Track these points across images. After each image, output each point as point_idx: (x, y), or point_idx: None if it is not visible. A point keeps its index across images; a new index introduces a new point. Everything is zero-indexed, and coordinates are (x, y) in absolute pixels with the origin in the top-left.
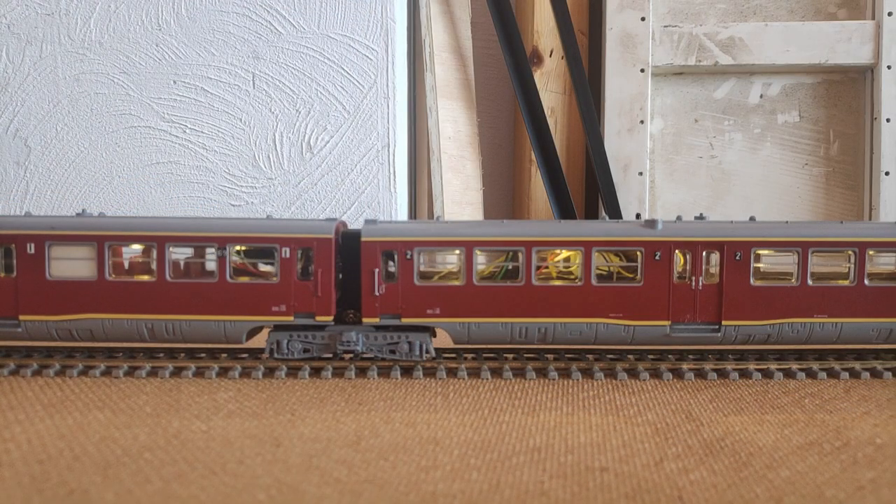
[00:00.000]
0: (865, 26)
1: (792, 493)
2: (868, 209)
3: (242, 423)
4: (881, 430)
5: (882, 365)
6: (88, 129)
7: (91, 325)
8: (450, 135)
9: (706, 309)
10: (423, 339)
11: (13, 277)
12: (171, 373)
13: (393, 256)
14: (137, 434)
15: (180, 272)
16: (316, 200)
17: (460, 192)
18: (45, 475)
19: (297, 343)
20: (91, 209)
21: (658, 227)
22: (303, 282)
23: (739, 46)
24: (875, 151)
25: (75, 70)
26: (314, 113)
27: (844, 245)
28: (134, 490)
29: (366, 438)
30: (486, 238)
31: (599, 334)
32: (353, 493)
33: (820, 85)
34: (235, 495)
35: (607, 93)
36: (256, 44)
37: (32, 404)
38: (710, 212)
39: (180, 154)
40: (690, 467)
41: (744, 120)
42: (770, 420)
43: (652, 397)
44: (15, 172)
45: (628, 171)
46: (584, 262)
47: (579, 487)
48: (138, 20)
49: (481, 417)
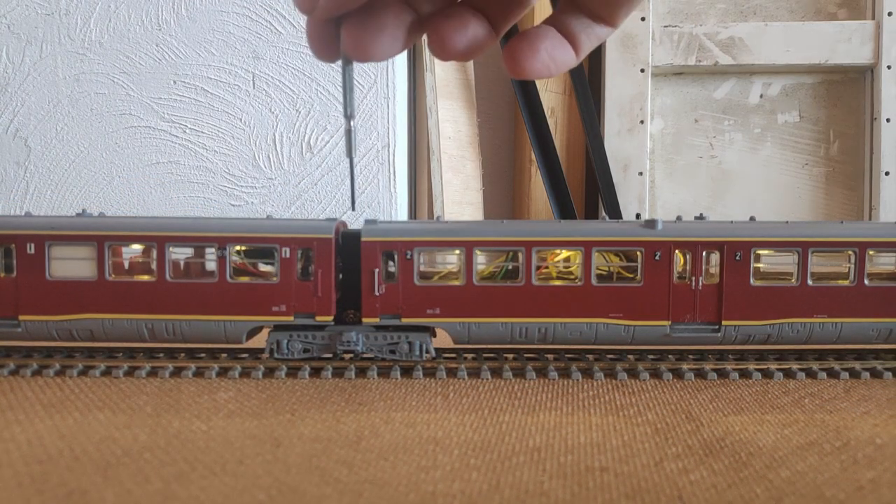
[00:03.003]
0: (865, 26)
1: (792, 493)
2: (868, 209)
3: (242, 423)
4: (881, 430)
5: (882, 365)
6: (88, 129)
7: (91, 325)
8: (450, 135)
9: (706, 309)
10: (423, 339)
11: (13, 277)
12: (171, 373)
13: (393, 256)
14: (137, 434)
15: (180, 272)
16: (316, 200)
17: (460, 192)
18: (45, 475)
19: (297, 343)
20: (91, 209)
21: (658, 227)
22: (303, 282)
23: (739, 46)
24: (875, 151)
25: (75, 70)
26: (314, 113)
27: (844, 245)
28: (134, 490)
29: (366, 438)
30: (486, 238)
31: (599, 334)
32: (353, 493)
33: (820, 85)
34: (235, 495)
35: (607, 93)
36: (256, 44)
37: (32, 404)
38: (710, 212)
39: (180, 154)
40: (690, 467)
41: (744, 120)
42: (770, 420)
43: (652, 397)
44: (15, 172)
45: (628, 171)
46: (584, 263)
47: (579, 487)
48: (138, 20)
49: (481, 417)
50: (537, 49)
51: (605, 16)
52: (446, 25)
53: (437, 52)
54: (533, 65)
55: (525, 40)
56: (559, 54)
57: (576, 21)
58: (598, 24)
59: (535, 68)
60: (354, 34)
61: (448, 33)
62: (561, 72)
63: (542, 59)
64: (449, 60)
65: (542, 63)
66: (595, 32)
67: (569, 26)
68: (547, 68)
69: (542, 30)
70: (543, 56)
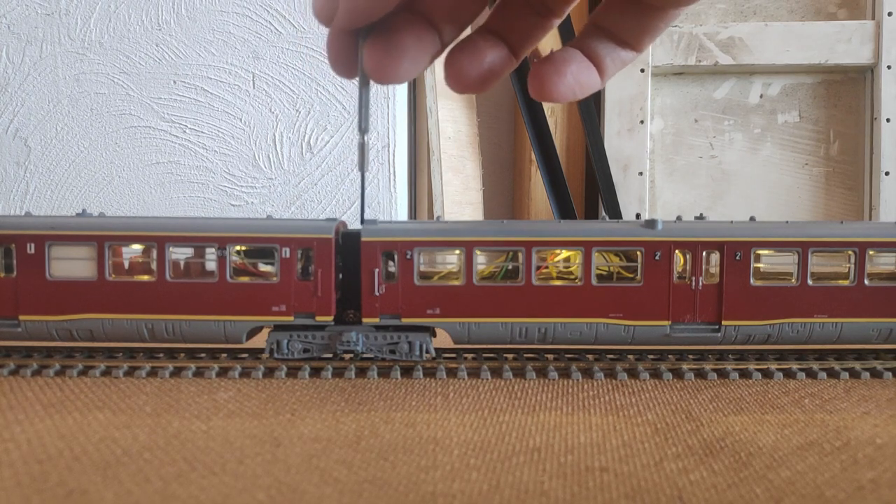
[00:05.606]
0: (865, 26)
1: (792, 493)
2: (868, 209)
3: (242, 423)
4: (881, 430)
5: (882, 365)
6: (88, 129)
7: (91, 325)
8: (450, 135)
9: (706, 309)
10: (423, 339)
11: (13, 277)
12: (171, 373)
13: (393, 256)
14: (137, 434)
15: (180, 272)
16: (316, 200)
17: (460, 192)
18: (44, 475)
19: (297, 343)
20: (91, 209)
21: (658, 227)
22: (303, 282)
23: (739, 46)
24: (875, 151)
25: (75, 70)
26: (314, 113)
27: (844, 245)
28: (134, 490)
29: (366, 438)
30: (486, 238)
31: (599, 334)
32: (353, 493)
33: (820, 85)
34: (235, 495)
35: (607, 93)
36: (256, 44)
37: (32, 404)
38: (710, 212)
39: (180, 154)
40: (690, 467)
41: (744, 120)
42: (770, 420)
43: (652, 397)
44: (15, 172)
45: (628, 171)
46: (584, 263)
47: (579, 487)
48: (138, 20)
49: (481, 417)
50: (564, 73)
51: (630, 41)
52: (459, 58)
53: (453, 85)
54: (559, 88)
55: (551, 64)
56: (585, 78)
57: (601, 45)
58: (623, 49)
59: (560, 92)
60: (377, 56)
61: (462, 66)
62: (585, 95)
63: (567, 83)
64: (465, 93)
65: (568, 87)
66: (620, 57)
67: (594, 50)
68: (573, 92)
69: (567, 53)
70: (569, 80)
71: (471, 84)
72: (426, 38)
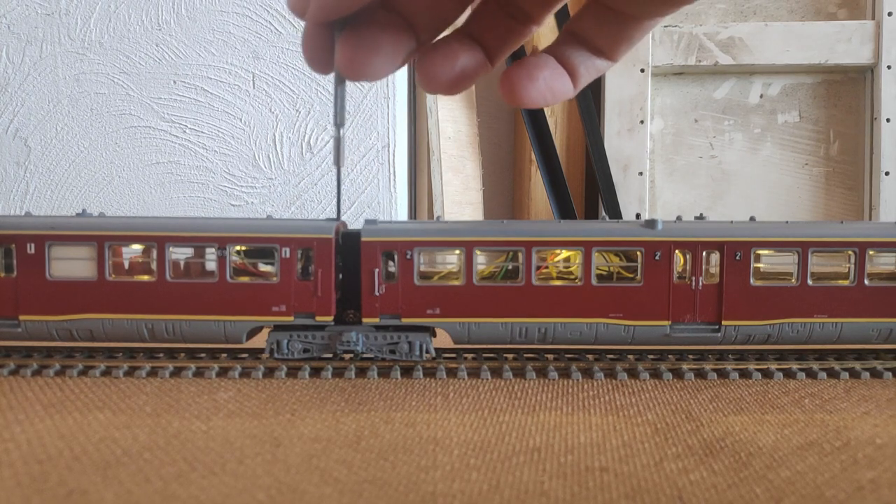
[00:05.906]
0: (865, 26)
1: (792, 493)
2: (868, 209)
3: (242, 423)
4: (881, 430)
5: (882, 365)
6: (88, 129)
7: (91, 325)
8: (450, 135)
9: (706, 309)
10: (423, 339)
11: (13, 277)
12: (171, 373)
13: (393, 256)
14: (137, 434)
15: (180, 272)
16: (316, 200)
17: (460, 192)
18: (44, 475)
19: (297, 343)
20: (91, 209)
21: (658, 227)
22: (303, 282)
23: (739, 46)
24: (875, 151)
25: (75, 70)
26: (314, 113)
27: (844, 245)
28: (134, 490)
29: (366, 438)
30: (486, 238)
31: (599, 334)
32: (353, 493)
33: (820, 85)
34: (235, 495)
35: (607, 93)
36: (256, 44)
37: (32, 404)
38: (710, 212)
39: (180, 154)
40: (690, 467)
41: (744, 120)
42: (770, 420)
43: (652, 397)
44: (15, 172)
45: (628, 171)
46: (584, 263)
47: (579, 487)
48: (138, 20)
49: (481, 417)
50: (535, 78)
51: (606, 50)
52: (432, 59)
53: (424, 85)
54: (530, 93)
55: (524, 68)
56: (557, 85)
57: (576, 53)
58: (598, 58)
59: (531, 97)
60: (349, 52)
61: (434, 67)
62: (557, 102)
63: (539, 88)
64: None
65: (539, 93)
66: (595, 65)
67: (568, 58)
68: (543, 98)
69: (541, 59)
70: (541, 85)
71: (441, 85)
72: (402, 37)
